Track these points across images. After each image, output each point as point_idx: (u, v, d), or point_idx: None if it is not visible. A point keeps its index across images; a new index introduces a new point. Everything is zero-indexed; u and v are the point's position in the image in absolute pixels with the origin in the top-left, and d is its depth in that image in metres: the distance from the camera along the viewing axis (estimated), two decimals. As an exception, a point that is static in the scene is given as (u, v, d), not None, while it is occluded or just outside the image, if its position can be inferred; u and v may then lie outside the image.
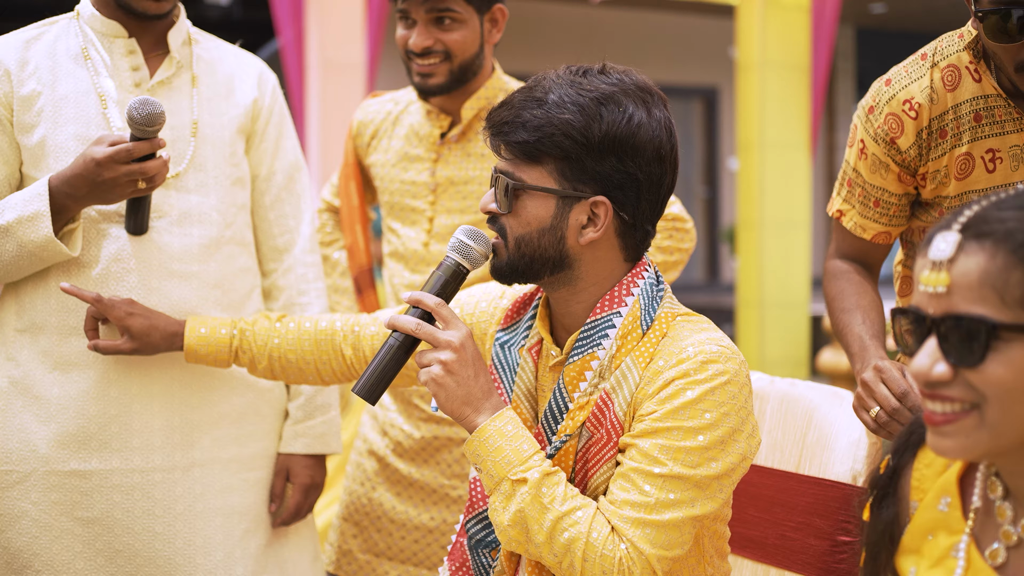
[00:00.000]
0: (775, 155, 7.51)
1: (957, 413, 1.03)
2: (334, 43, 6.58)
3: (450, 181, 2.28)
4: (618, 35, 10.83)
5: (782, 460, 1.83)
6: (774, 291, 7.52)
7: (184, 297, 1.93)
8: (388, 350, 1.47)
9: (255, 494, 2.01)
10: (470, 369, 1.44)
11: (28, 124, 1.91)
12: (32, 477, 1.87)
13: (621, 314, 1.47)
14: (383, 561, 2.31)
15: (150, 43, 1.99)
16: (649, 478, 1.38)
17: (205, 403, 1.95)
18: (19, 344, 1.91)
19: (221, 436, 1.97)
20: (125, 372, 1.90)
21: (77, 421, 1.88)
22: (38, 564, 1.86)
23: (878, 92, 1.81)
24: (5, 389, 1.90)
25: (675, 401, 1.39)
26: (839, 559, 1.71)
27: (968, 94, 1.74)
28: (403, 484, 2.30)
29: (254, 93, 2.07)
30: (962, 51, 1.75)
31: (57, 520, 1.87)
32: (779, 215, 7.52)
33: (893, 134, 1.78)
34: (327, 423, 2.07)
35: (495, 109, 1.50)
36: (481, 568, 1.57)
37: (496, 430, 1.42)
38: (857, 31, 12.15)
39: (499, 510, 1.40)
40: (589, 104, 1.43)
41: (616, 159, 1.44)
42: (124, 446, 1.89)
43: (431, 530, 2.27)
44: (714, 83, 11.45)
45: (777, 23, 7.47)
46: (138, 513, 1.89)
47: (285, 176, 2.11)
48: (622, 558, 1.35)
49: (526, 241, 1.47)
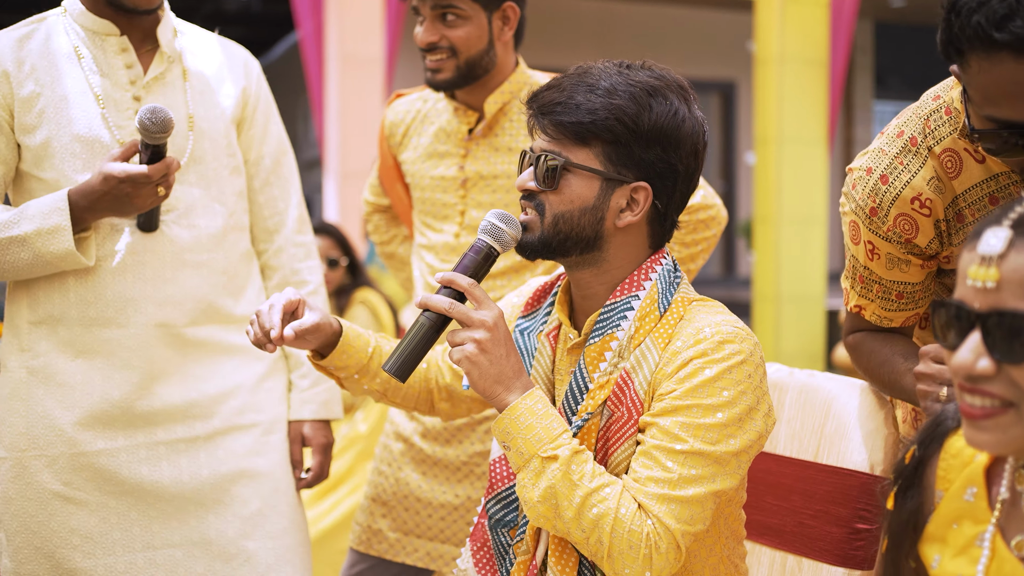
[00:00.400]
0: (792, 150, 7.49)
1: (996, 408, 1.03)
2: (353, 37, 6.61)
3: (479, 175, 2.33)
4: (635, 29, 10.83)
5: (801, 449, 1.85)
6: (790, 286, 7.52)
7: (196, 285, 2.01)
8: (420, 329, 1.50)
9: (277, 455, 2.11)
10: (502, 348, 1.48)
11: (30, 125, 1.94)
12: (60, 460, 1.94)
13: (639, 297, 1.52)
14: (412, 539, 2.37)
15: (139, 39, 2.02)
16: (671, 455, 1.42)
17: (218, 375, 2.04)
18: (35, 336, 1.96)
19: (239, 405, 2.06)
20: (146, 358, 1.98)
21: (101, 406, 1.95)
22: (76, 540, 1.93)
23: (876, 191, 1.66)
24: (24, 379, 1.96)
25: (694, 380, 1.44)
26: (856, 546, 1.74)
27: (976, 178, 1.61)
28: (428, 463, 2.36)
29: (242, 82, 2.12)
30: (956, 135, 1.61)
31: (91, 495, 1.95)
32: (796, 210, 7.51)
33: (908, 235, 1.66)
34: (330, 390, 2.17)
35: (542, 91, 1.55)
36: (501, 547, 1.61)
37: (527, 408, 1.46)
38: (876, 25, 12.11)
39: (528, 487, 1.44)
40: (640, 94, 1.49)
41: (661, 149, 1.50)
42: (147, 423, 1.98)
43: (456, 507, 2.33)
44: (731, 77, 11.43)
45: (796, 17, 7.44)
46: (167, 481, 1.99)
47: (273, 160, 2.17)
48: (649, 533, 1.39)
49: (566, 218, 1.52)
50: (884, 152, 1.68)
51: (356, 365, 1.70)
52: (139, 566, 1.96)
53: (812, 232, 7.58)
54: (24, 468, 1.93)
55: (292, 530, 2.10)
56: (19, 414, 1.95)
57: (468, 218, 2.33)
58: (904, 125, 1.68)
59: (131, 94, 1.99)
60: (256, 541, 2.04)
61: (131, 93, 1.99)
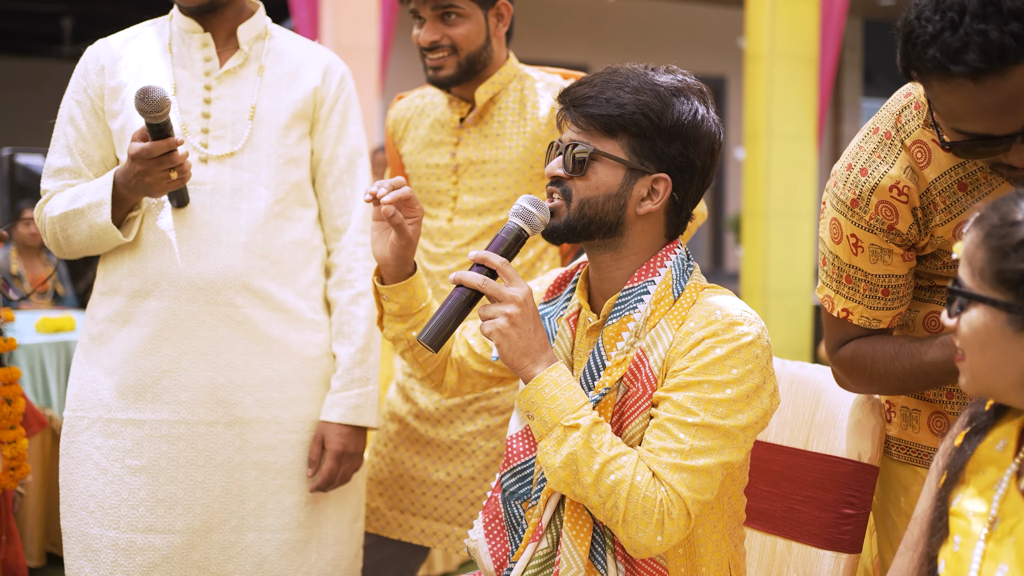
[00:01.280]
0: (781, 146, 7.53)
1: (960, 355, 1.29)
2: (348, 27, 6.61)
3: (469, 161, 2.42)
4: (627, 23, 10.86)
5: (791, 438, 1.92)
6: (778, 280, 7.57)
7: (230, 264, 2.10)
8: (454, 302, 1.58)
9: (294, 454, 2.15)
10: (531, 323, 1.57)
11: (114, 111, 2.16)
12: (97, 424, 2.09)
13: (655, 282, 1.62)
14: (407, 517, 2.44)
15: (224, 37, 2.23)
16: (683, 427, 1.51)
17: (249, 366, 2.11)
18: (100, 305, 2.15)
19: (263, 398, 2.12)
20: (178, 331, 2.08)
21: (135, 374, 2.08)
22: (92, 505, 2.05)
23: (856, 183, 1.72)
24: (86, 344, 2.14)
25: (705, 358, 1.53)
26: (843, 531, 1.81)
27: (944, 166, 1.67)
28: (421, 443, 2.43)
29: (316, 82, 2.25)
30: (923, 128, 1.67)
31: (112, 465, 2.06)
32: (784, 205, 7.56)
33: (890, 221, 1.71)
34: (363, 396, 2.19)
35: (575, 86, 1.66)
36: (513, 519, 1.69)
37: (552, 380, 1.55)
38: (865, 23, 12.18)
39: (551, 453, 1.53)
40: (665, 93, 1.61)
41: (681, 144, 1.61)
42: (173, 399, 2.07)
43: (448, 485, 2.40)
44: (722, 73, 11.47)
45: (786, 14, 7.47)
46: (181, 462, 2.07)
47: (347, 160, 2.27)
48: (662, 500, 1.48)
49: (591, 203, 1.62)
50: (862, 148, 1.75)
51: (407, 306, 1.82)
52: (137, 546, 2.04)
53: (800, 227, 7.63)
54: (72, 427, 2.11)
55: (294, 527, 2.14)
56: (76, 375, 2.14)
57: (460, 203, 2.42)
58: (879, 122, 1.75)
59: (203, 83, 2.18)
60: (255, 533, 2.10)
61: (203, 83, 2.18)
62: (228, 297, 2.09)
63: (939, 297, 1.83)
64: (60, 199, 2.11)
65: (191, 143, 2.13)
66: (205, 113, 2.16)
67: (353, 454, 2.18)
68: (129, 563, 2.03)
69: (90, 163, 2.17)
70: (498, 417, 2.39)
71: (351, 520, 2.25)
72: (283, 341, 2.15)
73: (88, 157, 2.17)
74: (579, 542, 1.58)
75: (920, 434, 1.85)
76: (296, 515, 2.14)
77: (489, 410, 2.39)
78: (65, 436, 2.12)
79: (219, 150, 2.15)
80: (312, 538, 2.17)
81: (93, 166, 2.17)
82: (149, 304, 2.08)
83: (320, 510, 2.19)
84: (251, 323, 2.11)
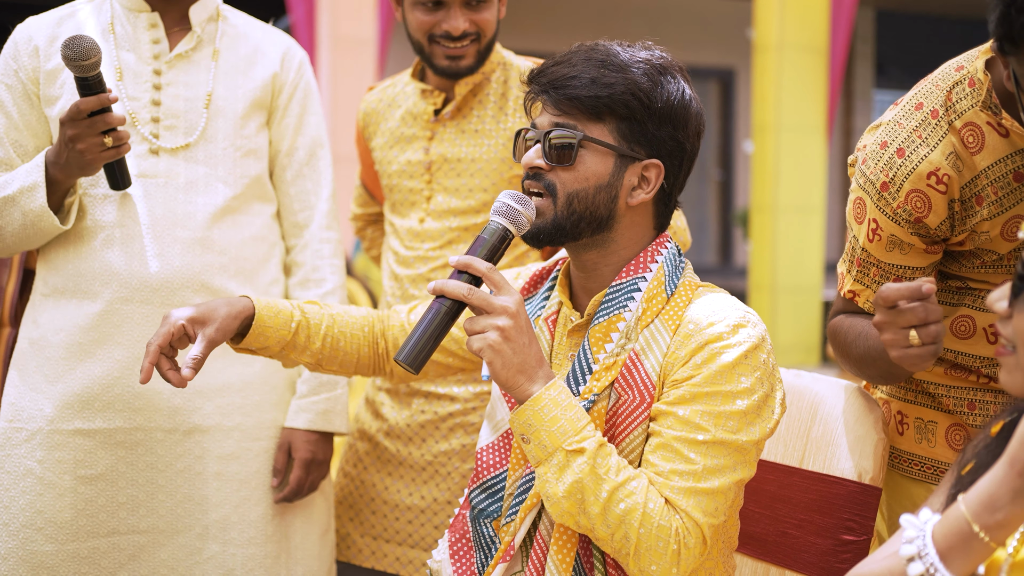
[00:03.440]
0: (791, 139, 7.47)
1: (1006, 349, 1.17)
2: (345, 19, 6.57)
3: (444, 159, 2.26)
4: (634, 14, 10.76)
5: (785, 455, 1.78)
6: (787, 276, 7.50)
7: (188, 262, 1.99)
8: (434, 316, 1.40)
9: (258, 463, 2.05)
10: (525, 336, 1.40)
11: (52, 96, 2.00)
12: (38, 436, 1.94)
13: (646, 279, 1.49)
14: (381, 543, 2.30)
15: (174, 18, 2.07)
16: (693, 446, 1.38)
17: (209, 370, 1.98)
18: (42, 308, 2.00)
19: (225, 404, 2.01)
20: (130, 334, 1.96)
21: (82, 382, 1.94)
22: (40, 522, 1.93)
23: (890, 164, 1.58)
24: (25, 350, 1.99)
25: (711, 366, 1.39)
26: (842, 559, 1.66)
27: (999, 153, 1.53)
28: (393, 464, 2.28)
29: (275, 68, 2.13)
30: (978, 109, 1.54)
31: (60, 479, 1.93)
32: (794, 199, 7.49)
33: (919, 213, 1.58)
34: (332, 400, 2.09)
35: (548, 66, 1.51)
36: (482, 539, 1.55)
37: (551, 399, 1.39)
38: (877, 13, 12.02)
39: (552, 481, 1.37)
40: (652, 71, 1.48)
41: (672, 127, 1.49)
42: (127, 407, 1.96)
43: (423, 510, 2.26)
44: (730, 64, 11.36)
45: (796, 4, 7.42)
46: (141, 466, 1.97)
47: (307, 152, 2.16)
48: (678, 529, 1.35)
49: (580, 197, 1.48)
50: (901, 125, 1.60)
51: (278, 343, 1.64)
52: (102, 551, 1.94)
53: (810, 222, 7.56)
54: (7, 440, 1.95)
55: (260, 541, 2.03)
56: (12, 383, 1.99)
57: (434, 203, 2.26)
58: (924, 97, 1.60)
59: (152, 68, 2.03)
60: (219, 545, 2.00)
61: (152, 67, 2.03)
62: (185, 297, 1.98)
63: (970, 300, 1.67)
64: None
65: (141, 133, 2.00)
66: (155, 100, 2.02)
67: (322, 461, 2.08)
68: (94, 569, 1.94)
69: (23, 153, 2.01)
70: (474, 435, 2.23)
71: (320, 533, 2.14)
72: None
73: (21, 147, 2.00)
74: (564, 567, 1.44)
75: (937, 448, 1.72)
76: (263, 528, 2.03)
77: (464, 427, 2.23)
78: None
79: (172, 142, 2.02)
80: (281, 552, 2.06)
81: (27, 156, 2.01)
82: (96, 306, 1.95)
83: (287, 523, 2.08)
84: None
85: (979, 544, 1.11)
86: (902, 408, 1.80)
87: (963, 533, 1.12)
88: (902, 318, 1.41)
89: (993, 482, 1.12)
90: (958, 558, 1.11)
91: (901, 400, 1.81)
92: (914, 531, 1.15)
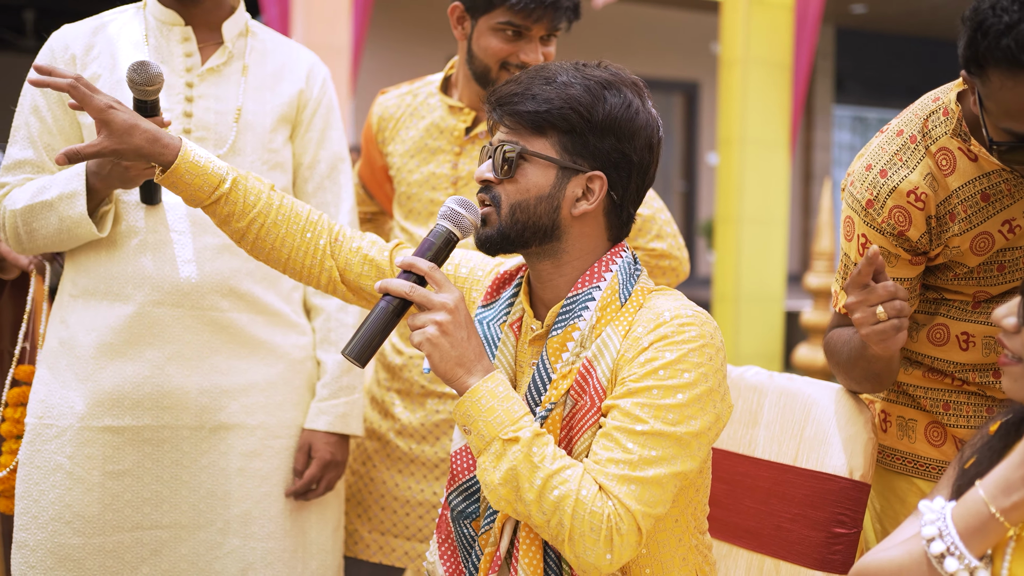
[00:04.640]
0: (755, 151, 7.55)
1: (1011, 360, 1.31)
2: (319, 26, 6.54)
3: (472, 176, 2.31)
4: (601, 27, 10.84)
5: (780, 453, 1.86)
6: (750, 286, 7.58)
7: (217, 268, 2.04)
8: (380, 313, 1.49)
9: (280, 460, 2.11)
10: (463, 331, 1.48)
11: None
12: (68, 432, 1.99)
13: (600, 288, 1.54)
14: (389, 539, 2.35)
15: (206, 32, 2.13)
16: (631, 436, 1.42)
17: (235, 370, 2.06)
18: (71, 308, 2.04)
19: (250, 403, 2.07)
20: (161, 336, 2.01)
21: (113, 380, 2.00)
22: (68, 515, 1.98)
23: (874, 184, 1.72)
24: (54, 348, 2.04)
25: (655, 362, 1.45)
26: (834, 550, 1.75)
27: (968, 175, 1.68)
28: (405, 461, 2.34)
29: (300, 84, 2.18)
30: (950, 136, 1.68)
31: (89, 474, 1.98)
32: (757, 211, 7.57)
33: (901, 227, 1.71)
34: (350, 404, 2.17)
35: (501, 85, 1.57)
36: (464, 539, 1.61)
37: (488, 391, 1.46)
38: (837, 31, 12.24)
39: (489, 469, 1.44)
40: (595, 86, 1.52)
41: (615, 139, 1.52)
42: (156, 405, 2.01)
43: (435, 505, 2.31)
44: (695, 78, 11.48)
45: (761, 20, 7.50)
46: (167, 463, 2.02)
47: (328, 165, 2.21)
48: (610, 515, 1.39)
49: (522, 207, 1.53)
50: (884, 150, 1.73)
51: (194, 201, 1.65)
52: (126, 545, 2.00)
53: (772, 233, 7.65)
54: (37, 435, 2.00)
55: (279, 535, 2.09)
56: (43, 381, 2.03)
57: None
58: (904, 125, 1.73)
59: (184, 80, 2.08)
60: (240, 539, 2.06)
61: (184, 80, 2.08)
62: (214, 301, 2.05)
63: (945, 309, 1.81)
64: (22, 192, 2.00)
65: None
66: (187, 112, 2.07)
67: (340, 462, 2.16)
68: (117, 563, 1.99)
69: (54, 156, 2.04)
70: None
71: (333, 528, 2.21)
72: (270, 344, 2.11)
73: (53, 151, 2.04)
74: (532, 570, 1.49)
75: (917, 444, 1.84)
76: (282, 523, 2.10)
77: None
78: (29, 444, 2.01)
79: None
80: (298, 547, 2.13)
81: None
82: (129, 308, 2.01)
83: (304, 518, 2.16)
84: (237, 327, 2.07)
85: (995, 525, 1.21)
86: (885, 407, 1.92)
87: (981, 515, 1.23)
88: (874, 295, 1.55)
89: (1009, 468, 1.23)
90: (975, 537, 1.22)
91: (884, 400, 1.93)
92: (933, 514, 1.26)
